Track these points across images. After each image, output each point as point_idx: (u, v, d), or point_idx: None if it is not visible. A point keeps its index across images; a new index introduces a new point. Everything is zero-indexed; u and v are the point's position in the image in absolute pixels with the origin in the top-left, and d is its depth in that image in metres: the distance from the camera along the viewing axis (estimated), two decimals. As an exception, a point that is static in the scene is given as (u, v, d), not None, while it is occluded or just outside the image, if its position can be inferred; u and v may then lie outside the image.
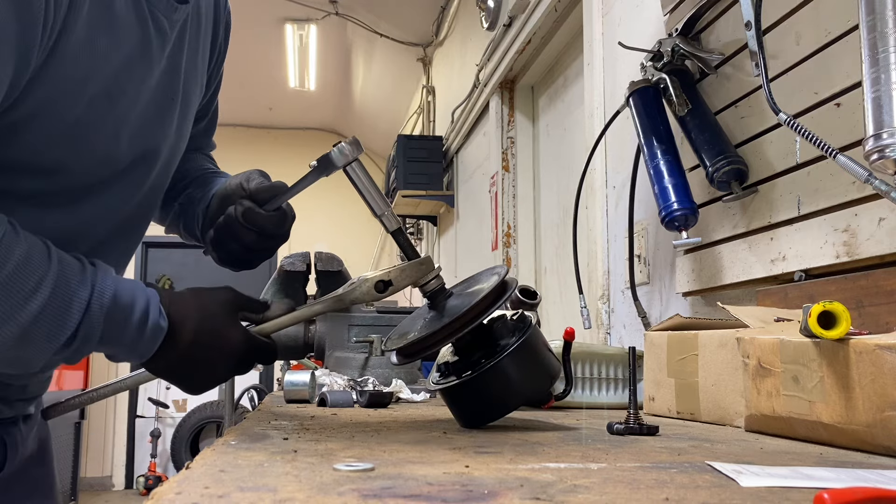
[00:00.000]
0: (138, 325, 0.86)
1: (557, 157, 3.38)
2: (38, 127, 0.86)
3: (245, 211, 1.03)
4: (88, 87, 0.89)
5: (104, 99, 0.91)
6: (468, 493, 0.53)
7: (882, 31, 1.01)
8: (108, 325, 0.84)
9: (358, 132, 8.28)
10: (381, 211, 1.02)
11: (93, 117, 0.90)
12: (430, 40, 5.64)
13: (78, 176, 0.94)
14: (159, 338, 0.88)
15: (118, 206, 1.02)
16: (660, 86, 1.66)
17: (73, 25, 0.84)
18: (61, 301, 0.81)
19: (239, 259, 1.08)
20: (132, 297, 0.86)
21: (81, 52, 0.86)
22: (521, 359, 1.02)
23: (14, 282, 0.78)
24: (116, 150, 0.96)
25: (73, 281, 0.82)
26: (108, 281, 0.85)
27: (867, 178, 1.09)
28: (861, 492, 0.46)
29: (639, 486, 0.58)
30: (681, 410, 1.30)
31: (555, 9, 2.92)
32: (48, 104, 0.85)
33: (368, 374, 1.73)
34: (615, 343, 2.19)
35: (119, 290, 0.85)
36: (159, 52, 0.99)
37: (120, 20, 0.90)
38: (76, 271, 0.83)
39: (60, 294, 0.81)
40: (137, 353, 0.89)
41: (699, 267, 1.68)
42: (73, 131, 0.89)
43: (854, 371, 0.86)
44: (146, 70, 0.97)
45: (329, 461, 0.67)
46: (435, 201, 5.05)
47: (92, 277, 0.84)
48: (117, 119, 0.94)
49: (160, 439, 7.32)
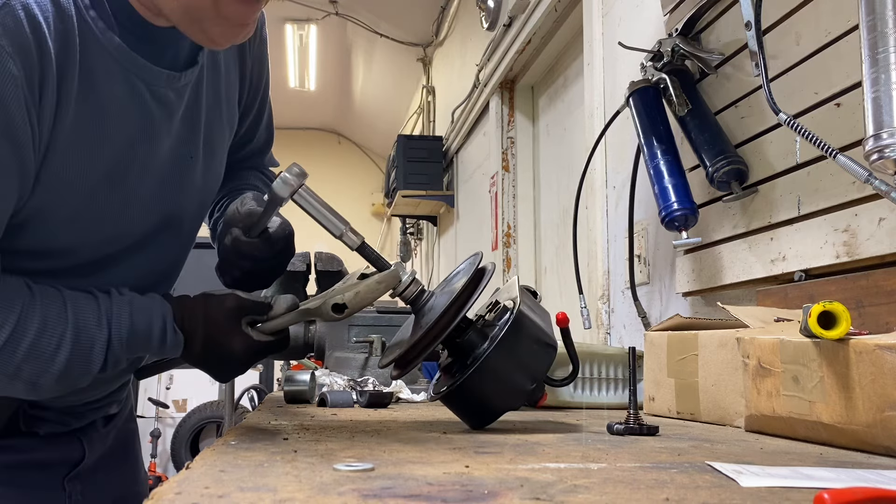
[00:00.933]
0: (158, 345, 0.95)
1: (557, 157, 3.38)
2: (39, 222, 0.90)
3: (233, 241, 1.03)
4: (85, 180, 0.90)
5: (105, 185, 0.92)
6: (468, 493, 0.53)
7: (882, 31, 1.01)
8: (130, 352, 0.94)
9: (358, 132, 8.31)
10: (340, 231, 1.00)
11: (95, 205, 0.93)
12: (430, 40, 5.64)
13: (91, 254, 0.97)
14: (178, 349, 0.97)
15: (147, 268, 1.05)
16: (660, 86, 1.66)
17: (59, 132, 0.85)
18: (84, 350, 0.90)
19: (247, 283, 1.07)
20: (149, 323, 0.94)
21: (70, 152, 0.87)
22: (510, 346, 1.00)
23: (37, 348, 0.87)
24: (128, 226, 0.99)
25: (91, 325, 0.90)
26: (124, 312, 0.93)
27: (867, 178, 1.09)
28: (861, 492, 0.46)
29: (639, 486, 0.58)
30: (681, 410, 1.30)
31: (555, 9, 2.92)
32: (46, 203, 0.88)
33: (368, 374, 1.73)
34: (615, 343, 2.19)
35: (135, 319, 0.93)
36: (166, 124, 0.98)
37: (111, 109, 0.90)
38: (92, 313, 0.91)
39: (82, 343, 0.89)
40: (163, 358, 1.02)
41: (699, 267, 1.68)
42: (76, 220, 0.92)
43: (854, 371, 0.86)
44: (151, 145, 0.97)
45: (329, 461, 0.67)
46: (435, 201, 5.05)
47: (108, 315, 0.92)
48: (123, 199, 0.96)
49: (160, 439, 7.31)
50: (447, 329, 0.98)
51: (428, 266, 5.87)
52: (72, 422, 1.11)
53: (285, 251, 1.06)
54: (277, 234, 1.04)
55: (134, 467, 1.28)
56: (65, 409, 1.09)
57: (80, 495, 1.12)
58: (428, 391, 1.62)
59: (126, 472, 1.25)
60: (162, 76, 0.95)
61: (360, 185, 8.52)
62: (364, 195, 8.52)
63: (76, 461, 1.12)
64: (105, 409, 1.18)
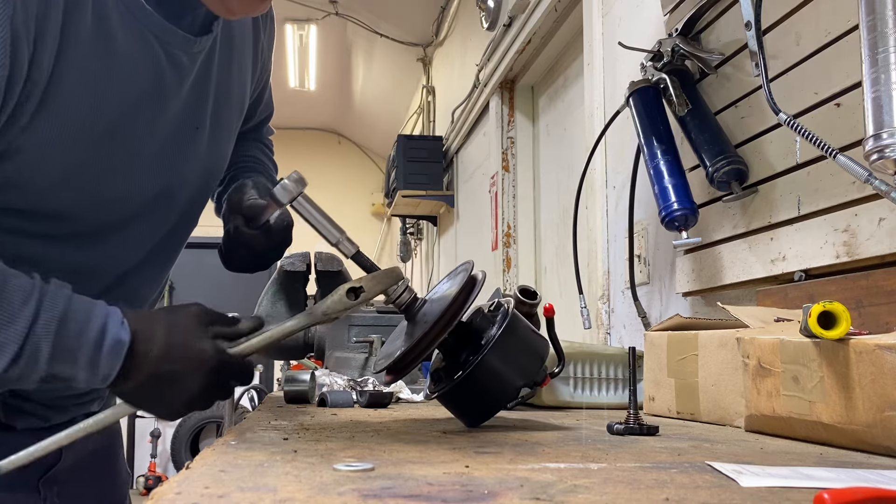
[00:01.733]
0: (96, 339, 0.80)
1: (557, 157, 3.38)
2: (37, 172, 0.85)
3: (235, 230, 1.06)
4: (90, 129, 0.88)
5: (108, 140, 0.90)
6: (468, 493, 0.53)
7: (882, 31, 1.01)
8: (58, 340, 0.78)
9: (358, 132, 8.30)
10: (336, 239, 1.01)
11: (97, 160, 0.90)
12: (430, 40, 5.64)
13: (88, 220, 0.94)
14: (121, 352, 0.81)
15: (146, 239, 1.03)
16: (660, 86, 1.66)
17: (65, 70, 0.83)
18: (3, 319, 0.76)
19: (247, 266, 1.12)
20: (87, 312, 0.81)
21: (77, 94, 0.85)
22: (505, 347, 1.03)
23: None
24: (129, 190, 0.96)
25: (15, 302, 0.77)
26: (61, 297, 0.81)
27: (867, 178, 1.09)
28: (861, 492, 0.46)
29: (639, 486, 0.58)
30: (681, 410, 1.30)
31: (555, 9, 2.92)
32: (46, 148, 0.85)
33: (368, 374, 1.73)
34: (615, 343, 2.19)
35: (73, 306, 0.81)
36: (176, 87, 0.97)
37: (123, 61, 0.89)
38: (21, 290, 0.79)
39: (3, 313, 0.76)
40: (99, 374, 0.81)
41: (699, 267, 1.68)
42: (76, 175, 0.89)
43: (854, 371, 0.86)
44: (159, 106, 0.96)
45: (329, 461, 0.67)
46: (435, 201, 5.05)
47: (40, 293, 0.79)
48: (126, 159, 0.94)
49: (160, 439, 7.31)
50: (440, 336, 0.99)
51: (428, 266, 5.87)
52: (52, 416, 1.04)
53: (284, 242, 1.11)
54: (277, 226, 1.09)
55: (113, 472, 1.24)
56: (48, 402, 1.03)
57: (57, 497, 1.07)
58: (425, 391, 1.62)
59: (105, 478, 1.21)
60: (178, 36, 0.94)
61: (360, 185, 8.52)
62: (364, 195, 8.52)
63: (51, 462, 1.06)
64: (88, 405, 1.12)
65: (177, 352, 0.83)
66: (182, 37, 0.95)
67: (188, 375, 0.84)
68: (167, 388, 0.84)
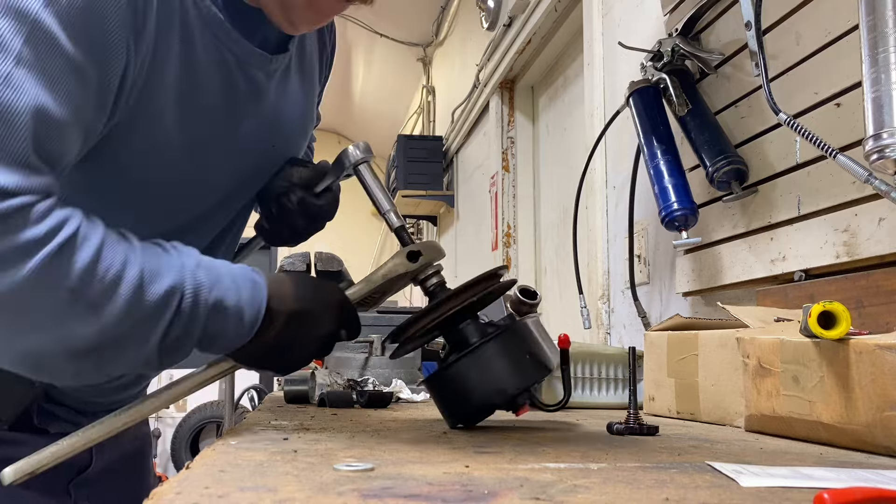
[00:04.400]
0: (238, 286, 0.83)
1: (557, 157, 3.38)
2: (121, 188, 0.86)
3: (300, 200, 1.07)
4: (169, 148, 0.87)
5: (186, 156, 0.90)
6: (468, 493, 0.53)
7: (882, 31, 1.01)
8: (208, 301, 0.80)
9: (358, 132, 8.29)
10: (386, 209, 1.05)
11: (172, 176, 0.90)
12: (430, 40, 5.64)
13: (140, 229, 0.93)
14: (262, 294, 0.84)
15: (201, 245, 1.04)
16: (660, 86, 1.66)
17: (155, 88, 0.82)
18: (155, 291, 0.77)
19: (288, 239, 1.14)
20: (220, 264, 0.84)
21: (164, 113, 0.85)
22: (507, 346, 0.97)
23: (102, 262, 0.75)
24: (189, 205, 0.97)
25: (175, 266, 0.80)
26: (220, 266, 0.83)
27: (867, 178, 1.09)
28: (861, 492, 0.46)
29: (639, 486, 0.58)
30: (681, 410, 1.30)
31: (555, 9, 2.92)
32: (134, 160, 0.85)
33: (368, 374, 1.73)
34: (615, 343, 2.19)
35: (204, 262, 0.83)
36: (252, 106, 0.96)
37: (204, 76, 0.88)
38: (192, 256, 0.83)
39: (147, 282, 0.77)
40: (245, 321, 0.83)
41: (699, 267, 1.68)
42: (152, 188, 0.89)
43: (854, 371, 0.86)
44: (233, 123, 0.95)
45: (329, 461, 0.67)
46: (435, 201, 5.05)
47: (197, 260, 0.82)
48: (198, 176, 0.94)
49: (160, 439, 7.31)
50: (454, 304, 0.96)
51: (428, 266, 5.87)
52: (84, 421, 1.04)
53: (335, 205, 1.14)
54: (338, 191, 1.13)
55: (143, 477, 1.24)
56: (80, 407, 1.05)
57: (87, 501, 1.08)
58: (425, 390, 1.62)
59: (135, 483, 1.20)
60: (254, 53, 0.93)
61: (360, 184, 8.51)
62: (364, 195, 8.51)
63: (82, 466, 1.08)
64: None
65: (310, 292, 0.88)
66: (259, 54, 0.94)
67: (324, 313, 0.89)
68: (305, 327, 0.87)
